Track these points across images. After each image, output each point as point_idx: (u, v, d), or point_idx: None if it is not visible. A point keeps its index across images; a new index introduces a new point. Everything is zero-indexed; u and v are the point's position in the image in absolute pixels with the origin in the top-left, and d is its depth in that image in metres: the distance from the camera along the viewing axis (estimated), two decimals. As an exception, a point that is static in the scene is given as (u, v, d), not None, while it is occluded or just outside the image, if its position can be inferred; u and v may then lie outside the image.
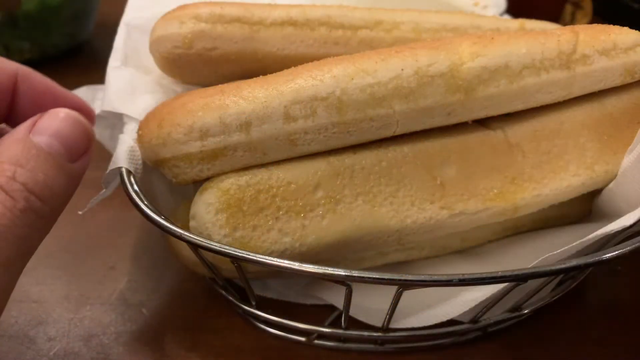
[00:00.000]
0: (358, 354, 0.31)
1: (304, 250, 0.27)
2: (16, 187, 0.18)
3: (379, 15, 0.35)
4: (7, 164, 0.19)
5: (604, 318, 0.34)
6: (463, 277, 0.24)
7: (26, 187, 0.19)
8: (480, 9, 0.50)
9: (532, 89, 0.28)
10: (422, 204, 0.28)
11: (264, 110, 0.26)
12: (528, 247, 0.33)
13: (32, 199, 0.19)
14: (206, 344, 0.31)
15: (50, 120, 0.21)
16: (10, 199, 0.18)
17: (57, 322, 0.32)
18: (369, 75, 0.26)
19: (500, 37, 0.28)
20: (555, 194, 0.30)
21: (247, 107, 0.26)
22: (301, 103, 0.26)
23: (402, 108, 0.27)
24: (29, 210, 0.19)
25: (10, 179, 0.19)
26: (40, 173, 0.19)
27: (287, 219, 0.26)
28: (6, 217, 0.18)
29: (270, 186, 0.27)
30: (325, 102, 0.26)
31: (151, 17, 0.36)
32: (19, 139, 0.20)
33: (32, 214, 0.19)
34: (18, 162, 0.19)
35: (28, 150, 0.20)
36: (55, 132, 0.21)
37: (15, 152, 0.19)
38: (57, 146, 0.21)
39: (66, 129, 0.21)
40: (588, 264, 0.24)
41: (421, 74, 0.27)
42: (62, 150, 0.21)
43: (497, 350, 0.32)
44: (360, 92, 0.26)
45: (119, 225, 0.39)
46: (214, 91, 0.27)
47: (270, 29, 0.33)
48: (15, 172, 0.19)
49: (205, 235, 0.26)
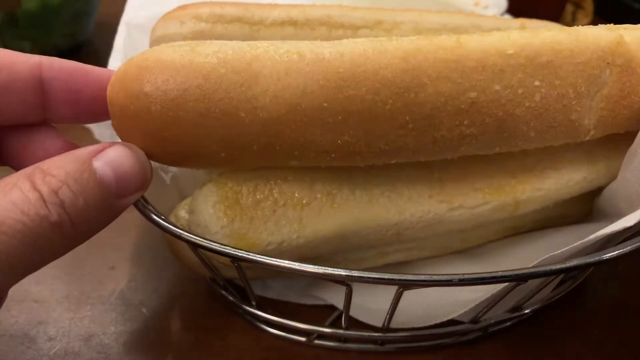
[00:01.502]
0: (358, 354, 0.31)
1: (301, 243, 0.27)
2: (55, 202, 0.19)
3: (379, 15, 0.35)
4: (57, 179, 0.19)
5: (605, 318, 0.34)
6: (463, 277, 0.24)
7: (63, 205, 0.19)
8: (481, 9, 0.50)
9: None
10: (420, 198, 0.28)
11: None
12: (528, 247, 0.33)
13: (65, 218, 0.19)
14: (206, 344, 0.31)
15: (118, 152, 0.21)
16: (47, 209, 0.19)
17: (58, 322, 0.32)
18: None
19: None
20: (557, 188, 0.30)
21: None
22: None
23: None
24: (58, 227, 0.19)
25: (53, 193, 0.19)
26: (82, 198, 0.20)
27: (284, 212, 0.26)
28: (35, 223, 0.19)
29: (267, 180, 0.27)
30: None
31: (151, 16, 0.36)
32: (79, 158, 0.20)
33: (58, 231, 0.19)
34: (67, 180, 0.20)
35: (81, 172, 0.20)
36: (114, 164, 0.21)
37: (69, 169, 0.20)
38: (110, 178, 0.21)
39: (126, 165, 0.21)
40: (588, 263, 0.24)
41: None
42: (113, 184, 0.21)
43: (498, 350, 0.31)
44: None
45: (119, 225, 0.38)
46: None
47: (271, 28, 0.33)
48: (60, 188, 0.19)
49: (204, 228, 0.26)
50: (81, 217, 0.20)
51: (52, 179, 0.19)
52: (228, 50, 0.22)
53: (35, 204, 0.19)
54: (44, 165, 0.20)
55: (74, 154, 0.21)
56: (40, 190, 0.19)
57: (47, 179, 0.19)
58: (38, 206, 0.19)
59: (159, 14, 0.34)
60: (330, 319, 0.32)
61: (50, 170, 0.20)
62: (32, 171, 0.20)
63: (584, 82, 0.25)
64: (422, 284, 0.24)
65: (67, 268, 0.35)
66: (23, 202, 0.19)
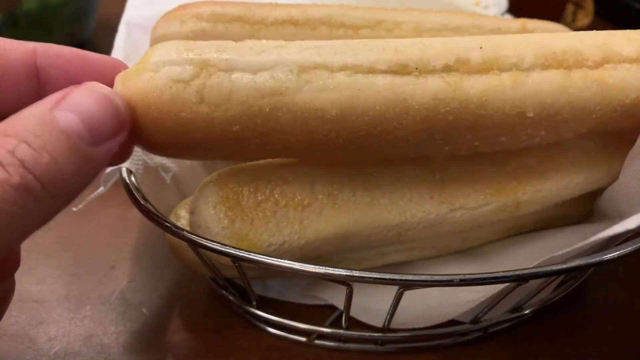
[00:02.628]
0: (359, 354, 0.31)
1: (302, 244, 0.27)
2: (11, 162, 0.17)
3: (380, 14, 0.35)
4: (13, 137, 0.17)
5: (605, 318, 0.34)
6: (464, 277, 0.24)
7: (23, 164, 0.17)
8: (482, 8, 0.50)
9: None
10: (422, 199, 0.28)
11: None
12: (529, 247, 0.33)
13: (29, 178, 0.17)
14: (207, 344, 0.31)
15: (80, 95, 0.19)
16: (5, 172, 0.17)
17: (58, 322, 0.32)
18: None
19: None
20: (558, 189, 0.30)
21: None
22: None
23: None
24: (23, 188, 0.17)
25: (9, 153, 0.17)
26: (45, 153, 0.17)
27: (285, 213, 0.26)
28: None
29: (268, 181, 0.27)
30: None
31: (152, 15, 0.36)
32: (38, 112, 0.18)
33: (26, 193, 0.17)
34: (24, 137, 0.17)
35: (42, 126, 0.18)
36: (78, 108, 0.18)
37: (26, 125, 0.18)
38: (77, 125, 0.18)
39: (94, 106, 0.19)
40: (589, 264, 0.24)
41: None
42: (84, 131, 0.18)
43: (498, 350, 0.31)
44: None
45: (119, 225, 0.39)
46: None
47: (271, 28, 0.33)
48: (16, 146, 0.17)
49: (204, 229, 0.26)
50: (51, 175, 0.18)
51: (7, 138, 0.17)
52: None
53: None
54: (0, 127, 0.18)
55: (31, 108, 0.18)
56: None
57: (1, 141, 0.17)
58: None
59: (160, 13, 0.34)
60: (331, 319, 0.32)
61: (6, 130, 0.17)
62: None
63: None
64: (423, 284, 0.24)
65: (67, 268, 0.35)
66: None
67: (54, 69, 0.22)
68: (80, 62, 0.22)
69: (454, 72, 0.22)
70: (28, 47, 0.21)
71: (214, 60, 0.21)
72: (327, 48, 0.22)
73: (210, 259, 0.27)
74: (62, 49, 0.22)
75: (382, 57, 0.22)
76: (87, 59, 0.22)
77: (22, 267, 0.23)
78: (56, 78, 0.22)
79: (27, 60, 0.21)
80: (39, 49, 0.21)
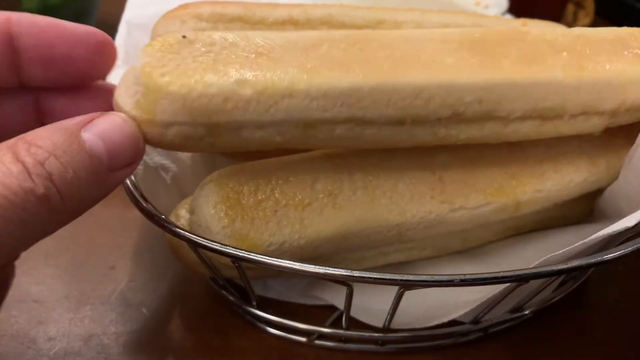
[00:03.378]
0: (359, 354, 0.31)
1: (302, 244, 0.27)
2: (41, 173, 0.18)
3: (380, 14, 0.35)
4: (43, 149, 0.18)
5: (606, 318, 0.34)
6: (464, 277, 0.24)
7: (50, 177, 0.18)
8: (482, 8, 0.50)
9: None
10: (422, 199, 0.28)
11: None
12: (529, 247, 0.33)
13: (53, 191, 0.18)
14: (207, 344, 0.31)
15: (107, 122, 0.20)
16: (31, 182, 0.17)
17: (58, 322, 0.32)
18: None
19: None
20: (558, 190, 0.30)
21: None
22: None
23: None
24: (45, 200, 0.18)
25: (39, 164, 0.18)
26: (71, 169, 0.18)
27: (285, 212, 0.26)
28: (19, 196, 0.17)
29: (269, 180, 0.27)
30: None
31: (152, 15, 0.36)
32: (67, 129, 0.19)
33: (45, 204, 0.18)
34: (54, 151, 0.18)
35: (70, 143, 0.19)
36: (104, 135, 0.20)
37: (55, 139, 0.18)
38: (100, 150, 0.19)
39: (118, 136, 0.20)
40: (590, 264, 0.24)
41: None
42: (105, 157, 0.20)
43: (499, 350, 0.31)
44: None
45: (119, 225, 0.38)
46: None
47: (272, 28, 0.33)
48: (46, 159, 0.18)
49: (205, 228, 0.26)
50: (71, 191, 0.18)
51: (38, 149, 0.18)
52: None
53: (18, 176, 0.17)
54: (27, 136, 0.18)
55: (60, 125, 0.19)
56: (24, 161, 0.18)
57: (32, 150, 0.18)
58: (21, 178, 0.17)
59: (160, 13, 0.34)
60: (331, 319, 0.32)
61: (35, 140, 0.18)
62: (15, 142, 0.18)
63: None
64: (423, 284, 0.24)
65: (67, 268, 0.35)
66: (5, 174, 0.17)
67: (29, 37, 0.21)
68: (55, 30, 0.22)
69: (445, 125, 0.25)
70: (2, 17, 0.21)
71: (223, 122, 0.22)
72: (333, 98, 0.23)
73: (210, 259, 0.27)
74: (37, 18, 0.22)
75: (384, 112, 0.24)
76: (62, 28, 0.22)
77: (22, 267, 0.23)
78: (31, 46, 0.22)
79: (2, 29, 0.21)
80: (14, 18, 0.21)
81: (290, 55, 0.23)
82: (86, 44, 0.22)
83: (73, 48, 0.22)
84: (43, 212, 0.18)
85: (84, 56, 0.22)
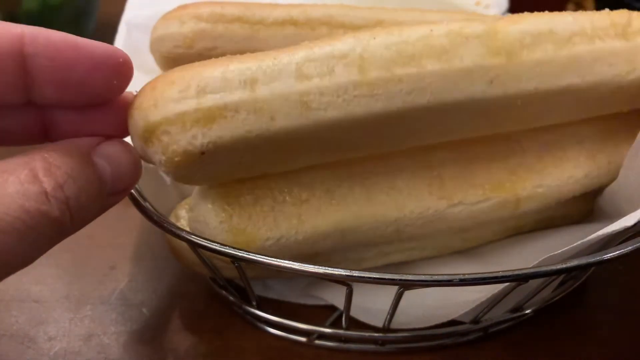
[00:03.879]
0: (359, 354, 0.31)
1: (300, 239, 0.27)
2: (60, 197, 0.17)
3: (380, 14, 0.35)
4: (62, 171, 0.18)
5: (606, 318, 0.34)
6: (464, 277, 0.24)
7: (67, 202, 0.18)
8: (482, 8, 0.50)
9: (587, 57, 0.25)
10: (420, 194, 0.28)
11: (273, 66, 0.22)
12: (529, 247, 0.33)
13: (66, 216, 0.18)
14: (207, 344, 0.31)
15: (116, 149, 0.20)
16: (48, 203, 0.17)
17: (58, 322, 0.32)
18: (393, 35, 0.23)
19: (542, 14, 0.25)
20: (558, 186, 0.30)
21: (253, 64, 0.23)
22: (316, 61, 0.23)
23: (434, 68, 0.23)
24: (57, 223, 0.18)
25: (59, 187, 0.17)
26: (84, 194, 0.18)
27: (282, 208, 0.27)
28: (35, 220, 0.17)
29: (267, 177, 0.27)
30: (344, 59, 0.22)
31: (152, 15, 0.36)
32: (80, 152, 0.19)
33: (57, 228, 0.18)
34: (72, 173, 0.18)
35: (84, 167, 0.19)
36: (112, 161, 0.20)
37: (72, 161, 0.18)
38: (107, 176, 0.20)
39: (123, 163, 0.20)
40: (589, 263, 0.24)
41: (454, 35, 0.23)
42: (109, 182, 0.20)
43: (498, 350, 0.31)
44: (384, 49, 0.23)
45: (119, 225, 0.38)
46: (215, 59, 0.24)
47: (271, 28, 0.33)
48: (65, 182, 0.18)
49: (203, 223, 0.26)
50: (79, 214, 0.18)
51: (58, 170, 0.18)
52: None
53: (37, 198, 0.17)
54: (44, 152, 0.18)
55: (72, 145, 0.19)
56: (43, 181, 0.17)
57: (52, 170, 0.18)
58: (40, 201, 0.17)
59: (159, 14, 0.34)
60: (331, 319, 0.32)
61: (54, 160, 0.18)
62: (31, 158, 0.18)
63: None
64: (423, 284, 0.24)
65: (68, 268, 0.35)
66: (21, 195, 0.17)
67: (44, 59, 0.20)
68: (73, 51, 0.20)
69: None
70: (15, 32, 0.19)
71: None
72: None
73: (210, 259, 0.27)
74: (53, 35, 0.20)
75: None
76: (80, 48, 0.20)
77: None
78: (45, 68, 0.20)
79: (14, 47, 0.19)
80: (27, 34, 0.19)
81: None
82: (105, 65, 0.21)
83: (91, 71, 0.20)
84: (53, 233, 0.18)
85: (102, 79, 0.21)
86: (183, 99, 0.22)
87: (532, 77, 0.24)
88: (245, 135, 0.22)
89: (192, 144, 0.22)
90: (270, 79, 0.22)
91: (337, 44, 0.23)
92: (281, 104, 0.22)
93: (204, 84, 0.22)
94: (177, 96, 0.22)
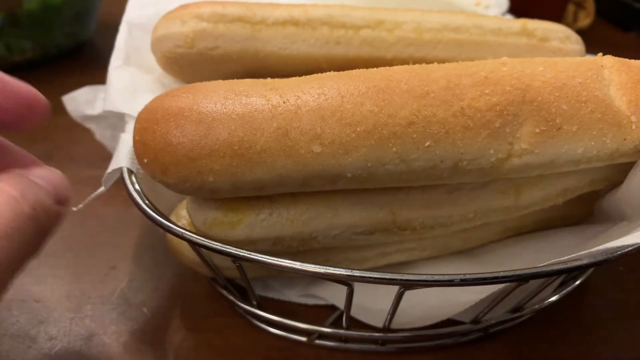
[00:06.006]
0: (359, 354, 0.31)
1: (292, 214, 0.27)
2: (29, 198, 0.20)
3: (380, 14, 0.35)
4: (48, 182, 0.22)
5: (605, 318, 0.34)
6: (464, 277, 0.24)
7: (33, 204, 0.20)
8: (483, 8, 0.50)
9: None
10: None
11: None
12: (530, 247, 0.33)
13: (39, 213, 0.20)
14: (207, 344, 0.31)
15: (43, 170, 0.23)
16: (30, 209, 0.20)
17: (59, 321, 0.32)
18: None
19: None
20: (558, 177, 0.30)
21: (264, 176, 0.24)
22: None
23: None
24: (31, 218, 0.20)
25: (50, 193, 0.21)
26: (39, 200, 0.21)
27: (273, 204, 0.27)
28: (24, 224, 0.19)
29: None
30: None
31: (153, 15, 0.36)
32: (52, 170, 0.23)
33: (38, 227, 0.20)
34: (26, 186, 0.21)
35: (63, 182, 0.23)
36: (47, 178, 0.23)
37: (54, 178, 0.22)
38: (52, 189, 0.22)
39: (56, 179, 0.23)
40: (590, 264, 0.24)
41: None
42: (53, 194, 0.22)
43: (499, 350, 0.31)
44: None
45: (120, 225, 0.39)
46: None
47: (272, 28, 0.33)
48: (25, 190, 0.20)
49: (203, 207, 0.27)
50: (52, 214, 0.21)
51: (19, 184, 0.20)
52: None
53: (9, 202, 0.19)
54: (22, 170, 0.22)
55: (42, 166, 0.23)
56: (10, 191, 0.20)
57: (49, 188, 0.21)
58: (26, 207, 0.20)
59: (160, 13, 0.34)
60: (331, 319, 0.32)
61: (45, 176, 0.22)
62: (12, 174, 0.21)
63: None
64: (424, 284, 0.24)
65: (68, 268, 0.35)
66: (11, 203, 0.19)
67: None
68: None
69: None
70: None
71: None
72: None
73: (211, 258, 0.27)
74: None
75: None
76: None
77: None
78: None
79: None
80: None
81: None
82: (16, 98, 0.22)
83: (12, 106, 0.22)
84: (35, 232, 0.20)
85: (11, 110, 0.22)
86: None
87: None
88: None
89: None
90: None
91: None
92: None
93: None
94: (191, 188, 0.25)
